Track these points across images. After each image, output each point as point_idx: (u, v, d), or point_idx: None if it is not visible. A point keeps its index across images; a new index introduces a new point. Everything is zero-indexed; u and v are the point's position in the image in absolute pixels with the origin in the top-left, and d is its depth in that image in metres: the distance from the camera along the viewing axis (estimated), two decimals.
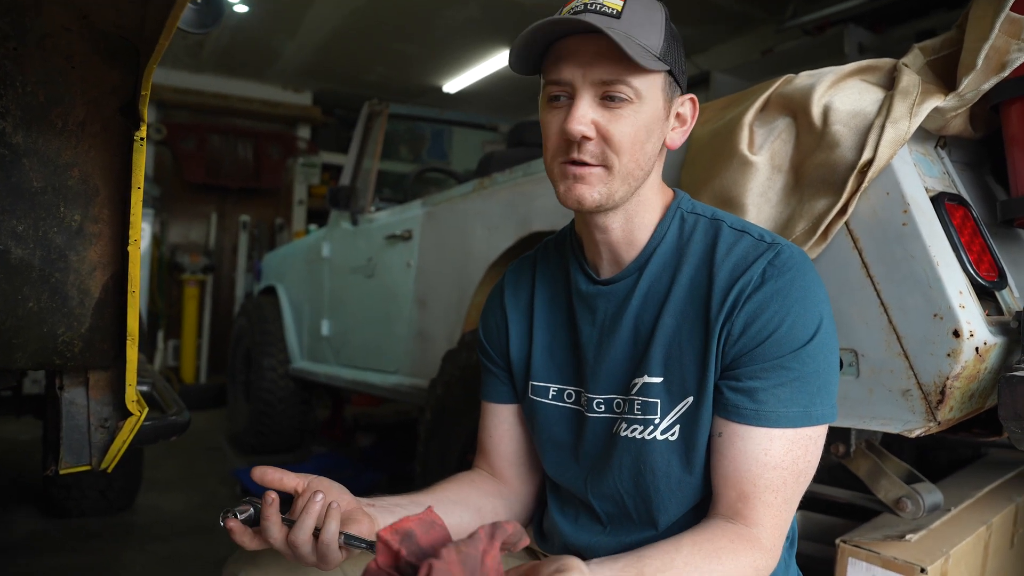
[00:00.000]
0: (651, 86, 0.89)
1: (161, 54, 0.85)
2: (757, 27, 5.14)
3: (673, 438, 0.93)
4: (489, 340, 1.14)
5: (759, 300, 0.87)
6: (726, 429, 0.89)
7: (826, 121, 1.21)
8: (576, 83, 0.87)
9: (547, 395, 1.06)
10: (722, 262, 0.91)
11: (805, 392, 0.87)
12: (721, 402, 0.89)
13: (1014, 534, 1.57)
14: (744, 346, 0.88)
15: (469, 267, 2.37)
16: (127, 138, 1.01)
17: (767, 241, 0.92)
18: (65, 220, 1.03)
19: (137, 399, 1.13)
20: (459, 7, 5.02)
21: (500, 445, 1.14)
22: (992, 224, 1.27)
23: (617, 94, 0.86)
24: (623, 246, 0.97)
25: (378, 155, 3.39)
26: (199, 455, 4.25)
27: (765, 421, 0.86)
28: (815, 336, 0.87)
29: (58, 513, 2.97)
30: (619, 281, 0.98)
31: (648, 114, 0.89)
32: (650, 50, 0.86)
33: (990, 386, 1.14)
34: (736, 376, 0.89)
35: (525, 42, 0.88)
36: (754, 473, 0.87)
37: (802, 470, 0.88)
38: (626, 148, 0.88)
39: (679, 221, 0.98)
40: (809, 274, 0.90)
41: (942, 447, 2.11)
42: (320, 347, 3.69)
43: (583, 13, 0.86)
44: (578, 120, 0.86)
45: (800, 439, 0.87)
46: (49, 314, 1.05)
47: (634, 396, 0.95)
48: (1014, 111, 1.19)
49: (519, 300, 1.11)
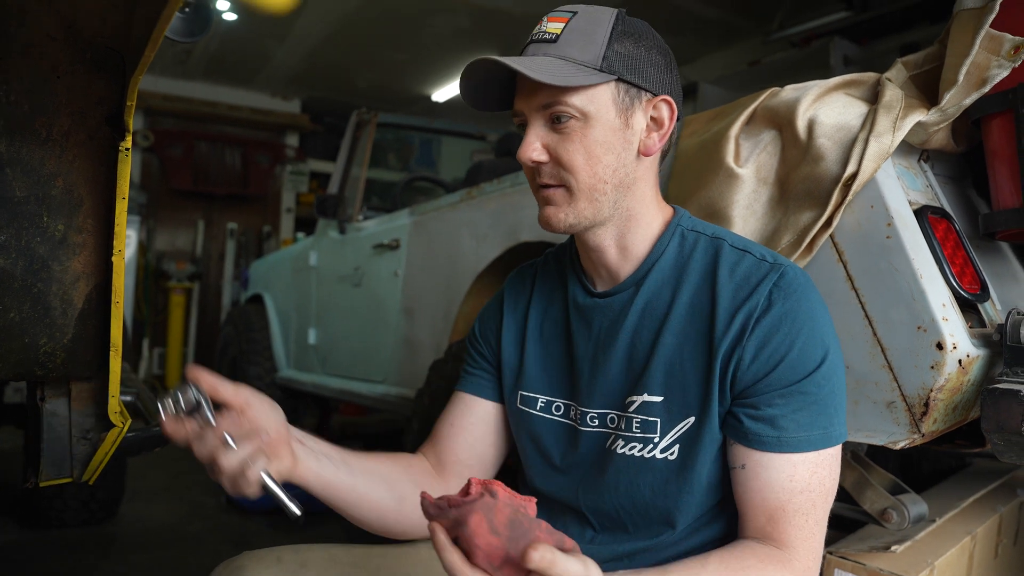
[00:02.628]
0: (594, 100, 0.88)
1: (147, 65, 0.85)
2: (744, 39, 5.19)
3: (672, 457, 0.92)
4: (484, 336, 1.13)
5: (768, 324, 0.87)
6: (749, 459, 0.88)
7: (811, 134, 1.22)
8: (526, 112, 0.91)
9: (536, 406, 1.05)
10: (725, 283, 0.90)
11: (824, 414, 0.86)
12: (741, 432, 0.88)
13: (998, 544, 1.58)
14: (757, 372, 0.87)
15: (456, 277, 2.36)
16: (112, 148, 1.00)
17: (769, 261, 0.91)
18: (48, 230, 1.02)
19: (120, 410, 1.12)
20: (448, 16, 5.04)
21: (456, 437, 1.11)
22: (974, 237, 1.29)
23: (560, 115, 0.88)
24: (618, 261, 0.97)
25: (366, 164, 3.39)
26: (184, 465, 4.21)
27: (788, 447, 0.85)
28: (825, 359, 0.87)
29: (39, 523, 2.93)
30: (616, 295, 0.98)
31: (600, 128, 0.89)
32: (585, 65, 0.87)
33: (973, 398, 1.15)
34: (754, 404, 0.87)
35: (466, 86, 0.95)
36: (783, 499, 0.86)
37: (828, 489, 0.88)
38: (579, 166, 0.89)
39: (679, 238, 0.97)
40: (813, 294, 0.90)
41: (927, 458, 2.12)
42: (307, 356, 3.68)
43: (528, 44, 0.91)
44: (527, 148, 0.90)
45: (823, 460, 0.87)
46: (31, 324, 1.04)
47: (632, 414, 0.94)
48: (995, 126, 1.21)
49: (517, 307, 1.11)
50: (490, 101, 0.97)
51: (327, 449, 0.95)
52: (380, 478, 0.99)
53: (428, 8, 4.91)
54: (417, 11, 4.99)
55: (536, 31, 0.92)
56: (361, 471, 0.97)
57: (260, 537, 2.99)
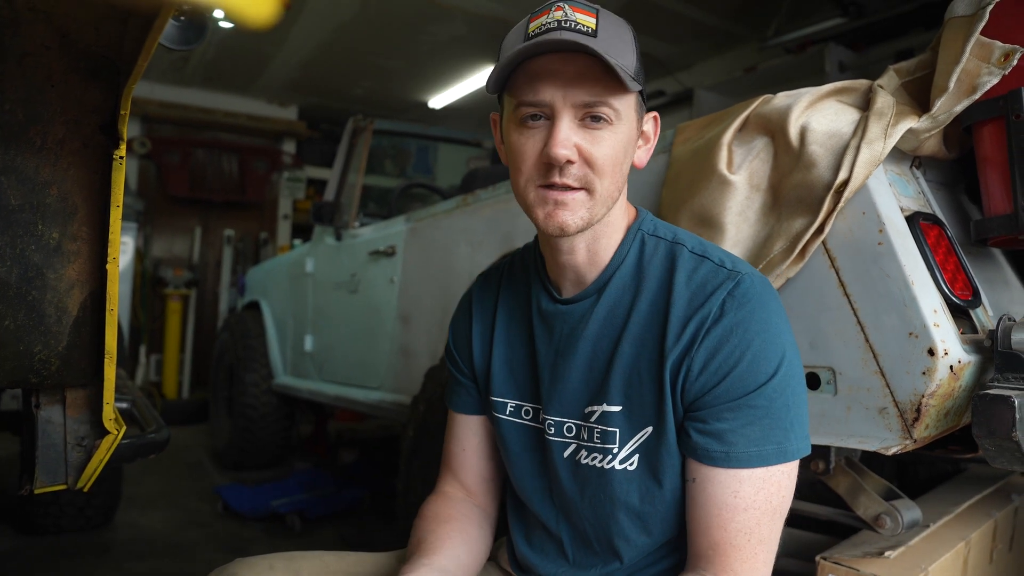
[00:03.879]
0: (628, 106, 0.87)
1: (140, 75, 0.85)
2: (740, 45, 5.20)
3: (632, 468, 0.91)
4: (457, 348, 1.12)
5: (718, 335, 0.85)
6: (699, 474, 0.86)
7: (803, 141, 1.23)
8: (556, 104, 0.84)
9: (505, 411, 1.05)
10: (681, 290, 0.89)
11: (778, 428, 0.84)
12: (691, 445, 0.87)
13: (993, 549, 1.58)
14: (705, 384, 0.85)
15: (452, 283, 2.37)
16: (107, 156, 1.00)
17: (727, 268, 0.89)
18: (43, 238, 1.02)
19: (115, 417, 1.12)
20: (445, 23, 5.05)
21: (472, 459, 1.12)
22: (966, 243, 1.30)
23: (599, 115, 0.84)
24: (586, 267, 0.95)
25: (362, 170, 3.39)
26: (180, 471, 4.20)
27: (736, 462, 0.83)
28: (778, 371, 0.84)
29: (36, 530, 2.92)
30: (578, 302, 0.97)
31: (625, 135, 0.88)
32: (626, 69, 0.84)
33: (965, 404, 1.16)
34: (702, 418, 0.86)
35: (509, 62, 0.85)
36: (724, 518, 0.84)
37: (775, 507, 0.85)
38: (608, 170, 0.86)
39: (639, 243, 0.95)
40: (770, 304, 0.87)
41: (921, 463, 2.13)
42: (303, 363, 3.67)
43: (557, 31, 0.83)
44: (561, 144, 0.83)
45: (772, 477, 0.84)
46: (26, 332, 1.04)
47: (593, 424, 0.94)
48: (986, 132, 1.22)
49: (484, 310, 1.10)
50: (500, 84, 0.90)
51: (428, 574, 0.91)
52: (464, 553, 0.99)
53: (424, 16, 4.92)
54: (413, 19, 5.00)
55: (562, 17, 0.84)
56: (454, 565, 0.95)
57: (256, 544, 2.98)
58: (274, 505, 3.28)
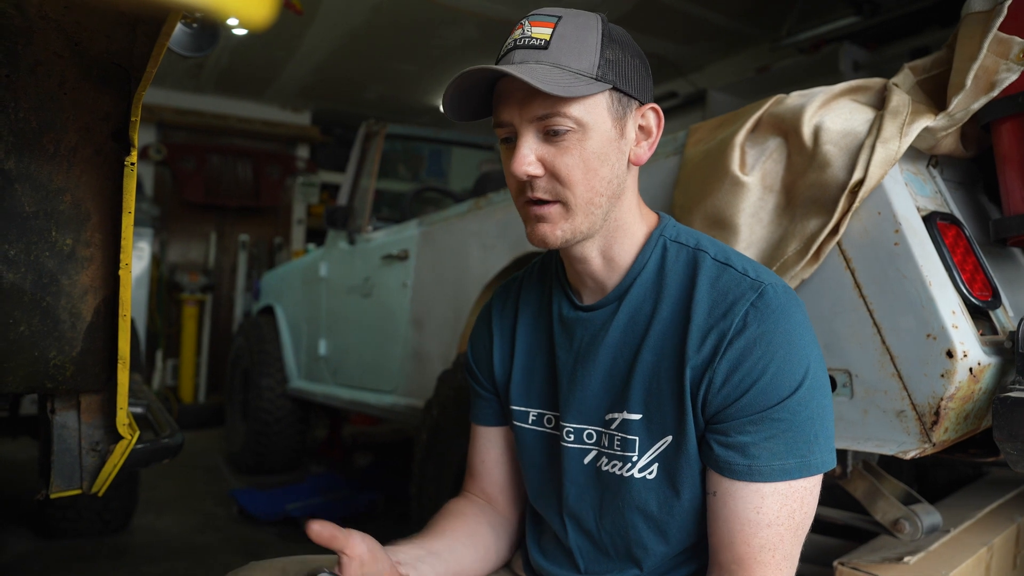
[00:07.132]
0: (592, 110, 0.85)
1: (150, 81, 0.86)
2: (753, 45, 5.17)
3: (651, 476, 0.90)
4: (477, 361, 1.13)
5: (741, 347, 0.83)
6: (720, 487, 0.85)
7: (817, 141, 1.21)
8: (516, 123, 0.86)
9: (527, 420, 1.05)
10: (703, 298, 0.87)
11: (802, 442, 0.82)
12: (712, 458, 0.85)
13: (1016, 555, 1.55)
14: (728, 396, 0.83)
15: (465, 287, 2.36)
16: (119, 163, 1.01)
17: (751, 277, 0.87)
18: (57, 244, 1.03)
19: (129, 422, 1.13)
20: (456, 27, 5.06)
21: (492, 470, 1.13)
22: (985, 243, 1.27)
23: (557, 127, 0.84)
24: (604, 274, 0.94)
25: (375, 175, 3.40)
26: (196, 475, 4.23)
27: (759, 476, 0.82)
28: (803, 383, 0.82)
29: (54, 534, 2.95)
30: (599, 308, 0.96)
31: (596, 139, 0.85)
32: (582, 73, 0.83)
33: (985, 407, 1.13)
34: (724, 431, 0.84)
35: (452, 95, 0.87)
36: (747, 533, 0.82)
37: (799, 523, 0.84)
38: (577, 180, 0.85)
39: (661, 250, 0.94)
40: (794, 315, 0.85)
41: (942, 466, 2.10)
42: (317, 367, 3.68)
43: (513, 51, 0.85)
44: (521, 160, 0.84)
45: (795, 492, 0.83)
46: (40, 338, 1.05)
47: (613, 431, 0.93)
48: (1005, 130, 1.20)
49: (504, 322, 1.10)
50: (466, 111, 0.91)
51: (416, 551, 0.99)
52: (463, 545, 1.04)
53: (436, 19, 4.93)
54: (425, 23, 5.01)
55: (519, 36, 0.86)
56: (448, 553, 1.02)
57: (271, 548, 2.99)
58: (289, 509, 3.30)
